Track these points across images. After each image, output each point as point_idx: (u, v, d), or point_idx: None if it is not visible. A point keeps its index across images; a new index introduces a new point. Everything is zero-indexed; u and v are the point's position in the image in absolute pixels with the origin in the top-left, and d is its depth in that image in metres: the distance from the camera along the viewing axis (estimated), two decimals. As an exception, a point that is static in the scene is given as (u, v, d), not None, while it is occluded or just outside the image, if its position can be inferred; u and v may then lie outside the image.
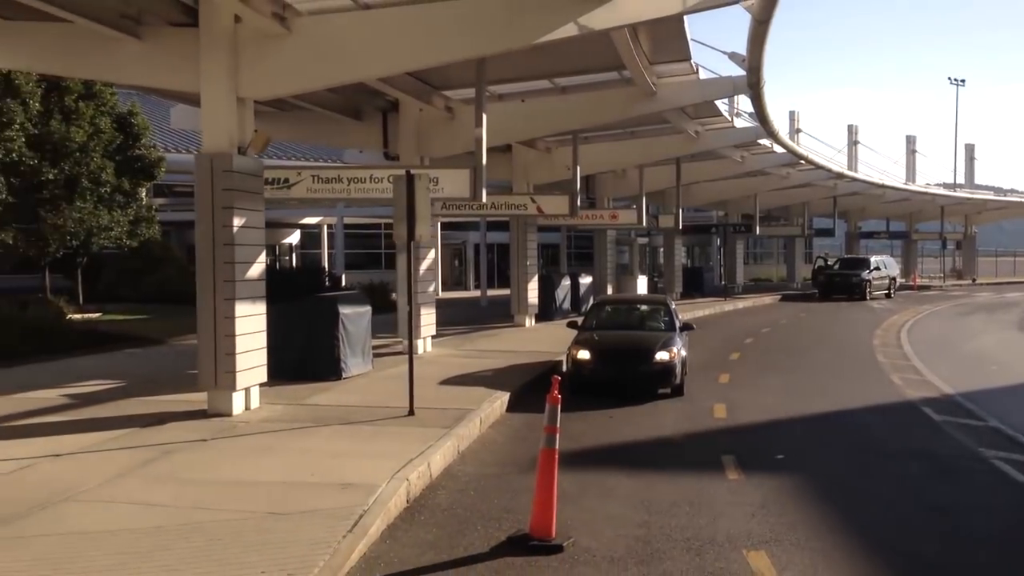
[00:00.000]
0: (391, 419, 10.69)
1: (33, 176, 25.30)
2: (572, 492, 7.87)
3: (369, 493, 7.43)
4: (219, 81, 10.74)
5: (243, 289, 10.88)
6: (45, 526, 6.62)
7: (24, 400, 11.98)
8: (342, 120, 17.57)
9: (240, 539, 6.39)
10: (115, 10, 10.63)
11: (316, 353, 13.68)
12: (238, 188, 10.81)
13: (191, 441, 9.49)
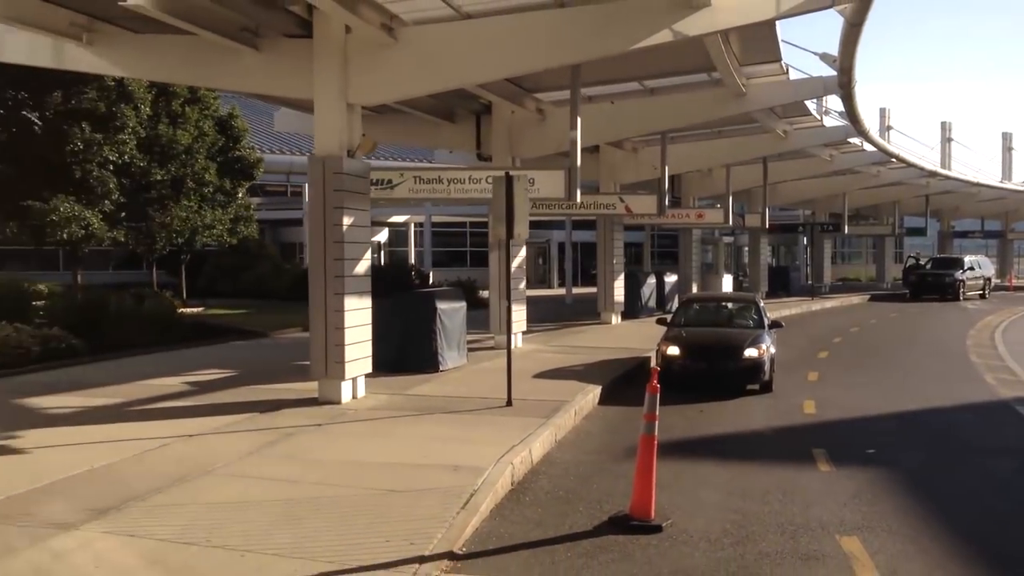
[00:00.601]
0: (490, 409, 11.23)
1: (143, 177, 26.72)
2: (667, 480, 8.26)
3: (477, 475, 7.96)
4: (331, 89, 11.42)
5: (351, 284, 11.54)
6: (190, 496, 7.33)
7: (151, 386, 12.90)
8: (437, 122, 18.21)
9: (364, 512, 6.99)
10: (236, 23, 11.39)
11: (414, 346, 14.32)
12: (347, 189, 11.48)
13: (307, 425, 10.18)
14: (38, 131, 24.99)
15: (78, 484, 7.62)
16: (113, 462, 8.39)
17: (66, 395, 12.13)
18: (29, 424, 10.13)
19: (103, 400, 11.80)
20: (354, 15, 10.53)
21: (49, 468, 8.08)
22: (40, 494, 7.27)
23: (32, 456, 8.67)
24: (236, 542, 6.21)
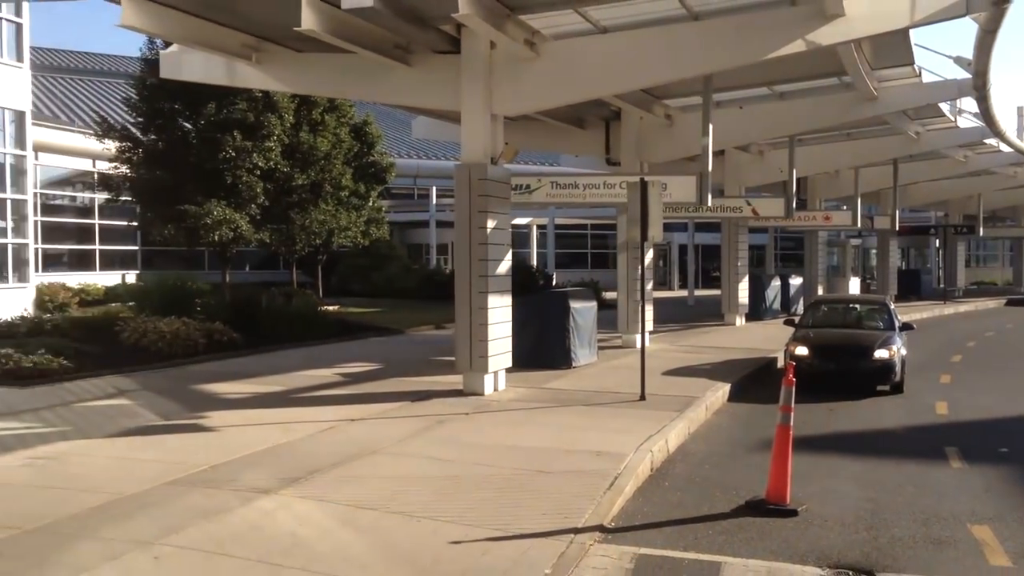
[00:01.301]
0: (624, 403, 11.82)
1: (285, 182, 28.35)
2: (801, 471, 8.66)
3: (619, 460, 8.58)
4: (476, 100, 12.24)
5: (494, 284, 12.33)
6: (365, 471, 8.20)
7: (307, 376, 14.02)
8: (567, 129, 18.88)
9: (518, 489, 7.71)
10: (390, 41, 12.33)
11: (548, 343, 15.01)
12: (491, 194, 12.27)
13: (456, 414, 11.00)
14: (193, 140, 26.88)
15: (266, 458, 8.61)
16: (291, 440, 9.38)
17: (234, 383, 13.33)
18: (210, 407, 11.29)
19: (267, 388, 12.94)
20: (500, 32, 11.30)
21: (238, 444, 9.11)
22: (237, 465, 8.27)
23: (221, 434, 9.75)
24: (411, 509, 7.01)
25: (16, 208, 21.28)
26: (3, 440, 9.23)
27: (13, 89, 20.97)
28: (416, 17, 11.49)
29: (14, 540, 6.09)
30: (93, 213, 34.27)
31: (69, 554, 5.82)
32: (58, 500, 7.03)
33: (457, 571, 5.76)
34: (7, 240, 21.09)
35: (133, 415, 10.81)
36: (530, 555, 6.11)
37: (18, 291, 21.05)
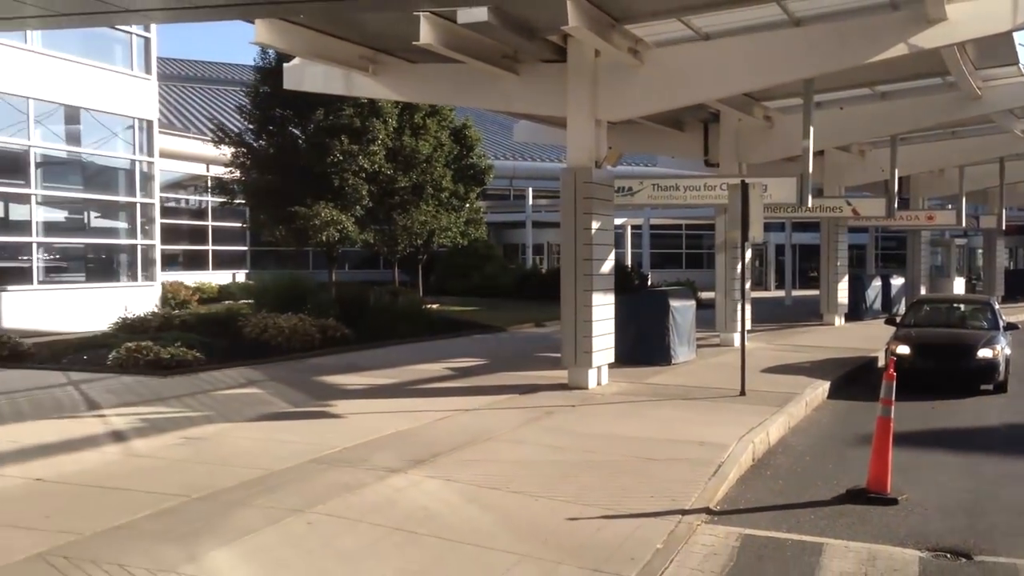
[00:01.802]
0: (724, 398, 12.21)
1: (389, 184, 29.41)
2: (902, 464, 8.93)
3: (722, 450, 9.02)
4: (581, 107, 12.79)
5: (598, 282, 12.86)
6: (483, 455, 8.84)
7: (418, 370, 14.79)
8: (666, 131, 19.27)
9: (626, 474, 8.22)
10: (499, 51, 12.99)
11: (648, 341, 15.44)
12: (595, 196, 12.80)
13: (563, 406, 11.57)
14: (302, 145, 28.14)
15: (391, 442, 9.33)
16: (412, 427, 10.09)
17: (350, 375, 14.18)
18: (333, 397, 12.13)
19: (382, 380, 13.74)
20: (605, 41, 11.81)
21: (363, 430, 9.86)
22: (366, 448, 9.01)
23: (347, 420, 10.54)
24: (528, 489, 7.60)
25: (144, 211, 22.73)
26: (158, 422, 10.20)
27: (142, 100, 22.41)
28: (525, 29, 12.10)
29: (185, 506, 6.90)
30: (206, 215, 36.02)
31: (234, 518, 6.60)
32: (215, 474, 7.85)
33: (576, 544, 6.32)
34: (137, 241, 22.54)
35: (266, 402, 11.71)
36: (641, 532, 6.63)
37: (147, 289, 22.50)
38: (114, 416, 10.57)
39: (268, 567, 5.68)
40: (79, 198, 21.89)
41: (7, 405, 11.22)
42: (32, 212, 19.92)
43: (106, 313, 19.59)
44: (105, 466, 8.21)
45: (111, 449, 8.92)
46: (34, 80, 19.09)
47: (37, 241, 19.96)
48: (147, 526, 6.40)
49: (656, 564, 6.01)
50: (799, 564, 6.22)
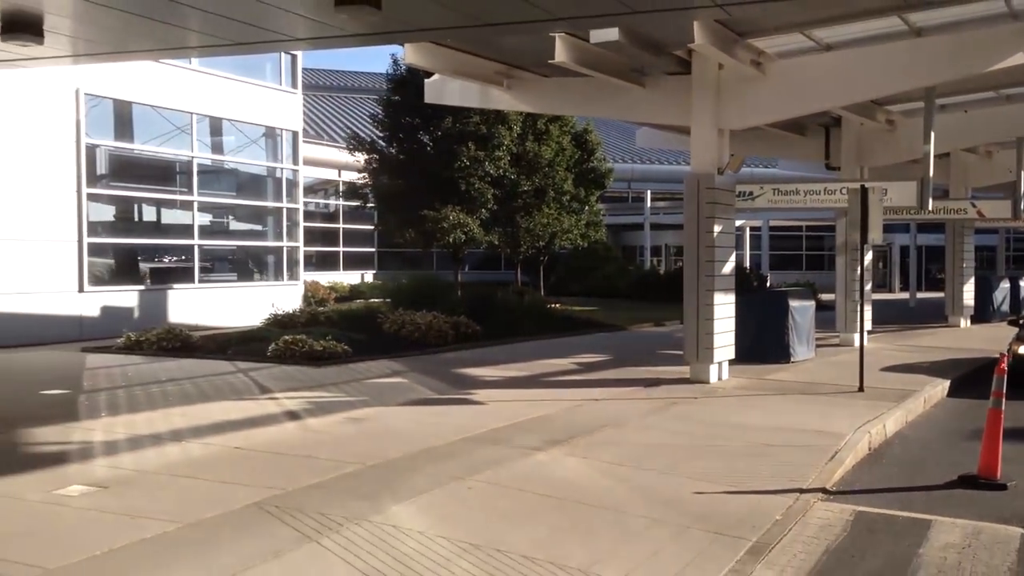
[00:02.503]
0: (843, 393, 12.75)
1: (512, 188, 30.60)
2: (1012, 456, 9.35)
3: (839, 439, 9.66)
4: (705, 117, 13.52)
5: (719, 283, 13.58)
6: (615, 438, 9.74)
7: (546, 364, 15.79)
8: (787, 136, 19.71)
9: (747, 457, 8.98)
10: (626, 66, 13.86)
11: (768, 339, 16.01)
12: (717, 201, 13.52)
13: (686, 397, 12.35)
14: (430, 151, 29.62)
15: (531, 425, 10.33)
16: (548, 413, 11.08)
17: (485, 368, 15.27)
18: (472, 386, 13.23)
19: (514, 373, 14.78)
20: (729, 56, 12.54)
21: (504, 415, 10.89)
22: (509, 430, 10.03)
23: (488, 407, 11.60)
24: (657, 468, 8.47)
25: (289, 215, 24.50)
26: (323, 404, 11.51)
27: (289, 112, 24.19)
28: (652, 45, 12.92)
29: (362, 471, 8.05)
30: (338, 218, 37.99)
31: (404, 482, 7.70)
32: (381, 447, 9.01)
33: (701, 513, 7.14)
34: (283, 243, 24.33)
35: (411, 390, 12.91)
36: (761, 506, 7.40)
37: (291, 288, 24.26)
38: (284, 398, 11.94)
39: (439, 520, 6.72)
40: (232, 204, 23.79)
41: (192, 388, 12.75)
42: (194, 217, 21.86)
43: (256, 309, 21.35)
44: (287, 438, 9.50)
45: (289, 425, 10.23)
46: (195, 96, 20.97)
47: (198, 244, 21.87)
48: (334, 486, 7.56)
49: (774, 532, 6.78)
50: (908, 536, 6.88)
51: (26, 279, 17.26)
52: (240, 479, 7.69)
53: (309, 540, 6.14)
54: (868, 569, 6.18)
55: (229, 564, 5.65)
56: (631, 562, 5.93)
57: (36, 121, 17.62)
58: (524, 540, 6.26)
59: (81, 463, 8.31)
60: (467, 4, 10.13)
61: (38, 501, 7.03)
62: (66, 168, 18.25)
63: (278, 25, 11.19)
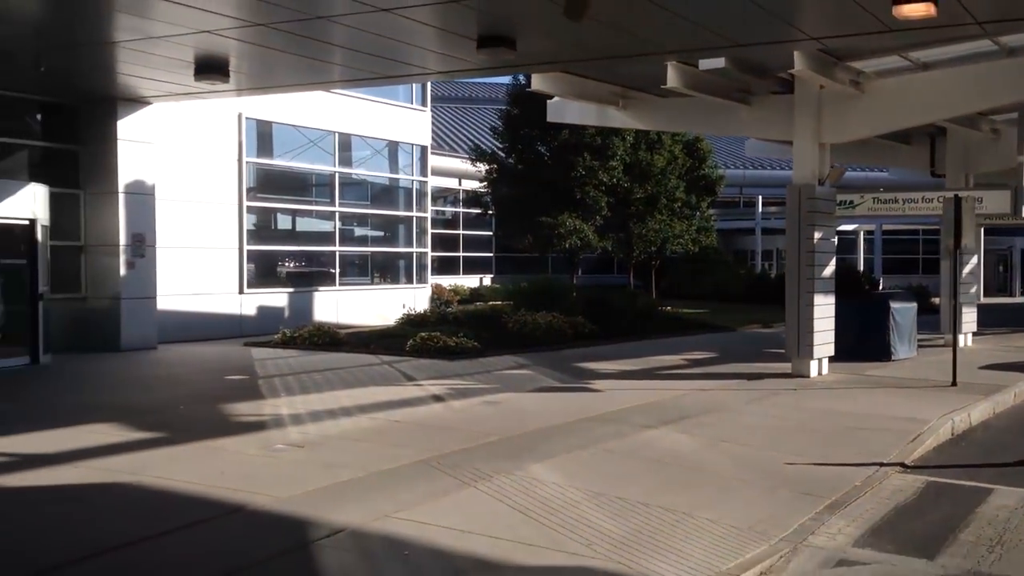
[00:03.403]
0: (935, 387, 13.73)
1: (625, 195, 31.96)
2: (1088, 442, 10.35)
3: (923, 424, 10.77)
4: (806, 132, 14.68)
5: (819, 285, 14.70)
6: (716, 420, 11.11)
7: (658, 360, 17.16)
8: (893, 145, 20.53)
9: (835, 437, 10.22)
10: (733, 87, 15.16)
11: (869, 339, 16.98)
12: (817, 210, 14.66)
13: (785, 389, 13.57)
14: (547, 161, 31.28)
15: (643, 409, 11.78)
16: (658, 400, 12.51)
17: (601, 362, 16.75)
18: (589, 378, 14.76)
19: (628, 367, 16.22)
20: (828, 78, 13.71)
21: (619, 400, 12.37)
22: (623, 412, 11.52)
23: (604, 394, 13.11)
24: (753, 444, 9.80)
25: (418, 223, 26.54)
26: (461, 390, 13.25)
27: (419, 129, 26.23)
28: (757, 69, 14.18)
29: (502, 440, 9.68)
30: (458, 225, 40.03)
31: (537, 448, 9.28)
32: (515, 423, 10.63)
33: (790, 478, 8.46)
34: (412, 249, 26.39)
35: (536, 380, 14.51)
36: (844, 474, 8.66)
37: (420, 290, 26.28)
38: (428, 385, 13.72)
39: (569, 475, 8.26)
40: (367, 213, 25.96)
41: (348, 376, 14.69)
42: (335, 225, 24.09)
43: (388, 309, 23.40)
44: (436, 415, 11.24)
45: (435, 406, 11.98)
46: (335, 116, 23.14)
47: (338, 250, 24.09)
48: (481, 450, 9.20)
49: (851, 494, 8.06)
50: (970, 499, 8.06)
51: (197, 282, 19.67)
52: (404, 444, 9.43)
53: (468, 486, 7.78)
54: (927, 521, 7.42)
55: (410, 499, 7.34)
56: (726, 509, 7.35)
57: (206, 143, 20.02)
58: (639, 491, 7.75)
59: (277, 430, 10.22)
60: (589, 41, 11.74)
61: (256, 455, 8.93)
62: (229, 184, 20.63)
63: (415, 60, 13.05)
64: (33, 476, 8.13)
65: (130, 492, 7.60)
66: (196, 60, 13.04)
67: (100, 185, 17.07)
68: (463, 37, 11.27)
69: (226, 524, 6.79)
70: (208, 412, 11.32)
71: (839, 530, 7.07)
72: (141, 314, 17.38)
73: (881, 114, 14.43)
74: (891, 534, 7.06)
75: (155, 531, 6.52)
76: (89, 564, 5.90)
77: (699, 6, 10.69)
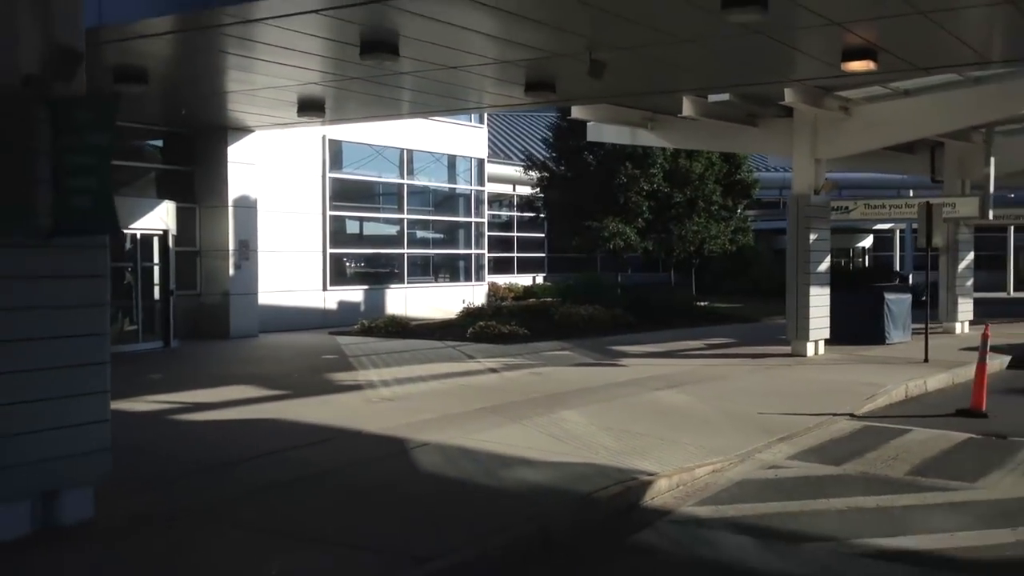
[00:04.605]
0: (910, 363, 16.34)
1: (665, 199, 34.65)
2: (1007, 402, 12.88)
3: (882, 388, 13.48)
4: (803, 150, 17.40)
5: (814, 279, 17.41)
6: (712, 386, 13.94)
7: (682, 345, 19.96)
8: (898, 155, 23.02)
9: (807, 398, 12.96)
10: (741, 113, 17.93)
11: (867, 326, 19.57)
12: (812, 215, 17.37)
13: (780, 365, 16.32)
14: (593, 169, 34.13)
15: (658, 378, 14.64)
16: (672, 372, 15.37)
17: (632, 346, 19.60)
18: (619, 357, 17.63)
19: (655, 349, 19.05)
20: (818, 107, 16.43)
21: (639, 372, 15.26)
22: (643, 380, 14.39)
23: (629, 367, 16.00)
24: (737, 400, 12.62)
25: (476, 228, 29.65)
26: (512, 365, 16.26)
27: (477, 144, 29.34)
28: (759, 100, 16.96)
29: (541, 398, 12.64)
30: (512, 227, 43.00)
31: (568, 401, 12.22)
32: (553, 387, 13.59)
33: (759, 422, 11.25)
34: (471, 251, 29.51)
35: (576, 359, 17.44)
36: (802, 421, 11.40)
37: (478, 287, 29.38)
38: (485, 361, 16.76)
39: (590, 417, 11.17)
40: (431, 219, 29.13)
41: (420, 355, 17.78)
42: (404, 230, 27.30)
43: (450, 304, 26.49)
44: (493, 382, 14.27)
45: (491, 376, 15.01)
46: (404, 135, 26.29)
47: (406, 252, 27.30)
48: (525, 403, 12.16)
49: (801, 432, 10.84)
50: (889, 435, 10.78)
51: (289, 280, 22.98)
52: (469, 398, 12.48)
53: (515, 423, 10.78)
54: (848, 448, 10.20)
55: (473, 428, 10.35)
56: (703, 438, 10.19)
57: (295, 162, 23.32)
58: (640, 427, 10.66)
59: (371, 390, 13.35)
60: (613, 86, 14.67)
61: (359, 404, 12.07)
62: (314, 196, 23.92)
63: (471, 99, 16.11)
64: (202, 415, 11.36)
65: (274, 424, 10.77)
66: (299, 100, 16.24)
67: (212, 200, 20.45)
68: (513, 84, 14.26)
69: (347, 441, 9.89)
70: (315, 379, 14.50)
71: (780, 451, 9.92)
72: (246, 307, 20.74)
73: (865, 135, 17.08)
74: (818, 454, 9.89)
75: (298, 444, 9.64)
76: (254, 462, 8.95)
77: (701, 62, 13.53)
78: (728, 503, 7.93)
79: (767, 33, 10.86)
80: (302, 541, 6.44)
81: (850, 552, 6.71)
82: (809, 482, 8.71)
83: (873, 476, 8.96)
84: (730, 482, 8.63)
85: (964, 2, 10.07)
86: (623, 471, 8.39)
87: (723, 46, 11.63)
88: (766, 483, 8.65)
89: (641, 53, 12.23)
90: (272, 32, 11.39)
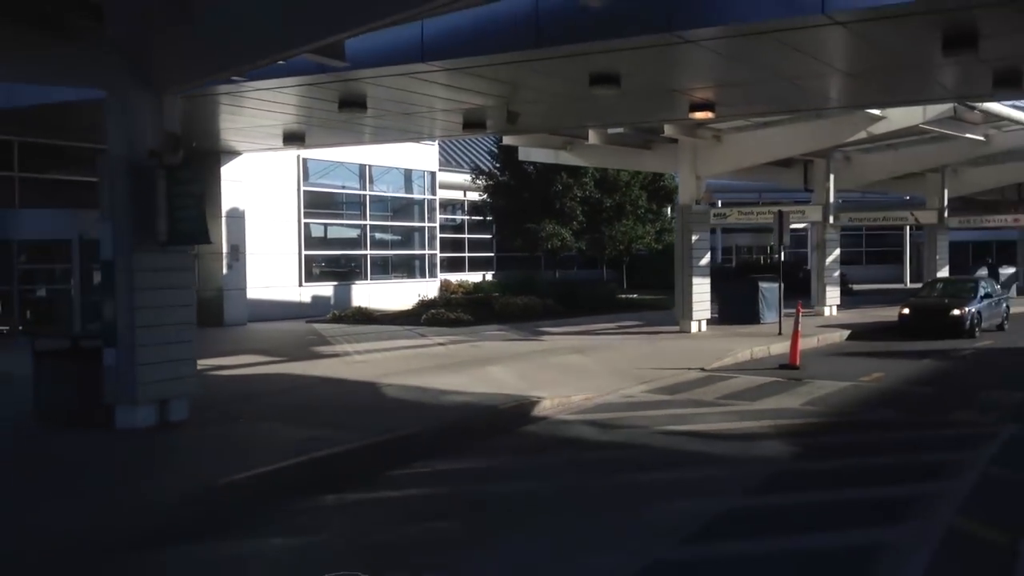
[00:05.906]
0: (767, 336, 20.94)
1: (597, 204, 39.21)
2: (820, 360, 17.48)
3: (732, 352, 18.04)
4: (686, 168, 21.97)
5: (696, 271, 22.01)
6: (605, 352, 18.40)
7: (596, 327, 24.42)
8: (778, 169, 27.77)
9: (676, 358, 17.46)
10: (638, 140, 22.47)
11: (746, 309, 24.21)
12: (695, 221, 21.95)
13: (668, 339, 20.86)
14: (533, 178, 38.57)
15: (567, 348, 19.05)
16: (579, 344, 19.81)
17: (555, 327, 23.99)
18: (542, 335, 22.03)
19: (572, 329, 23.47)
20: (694, 138, 21.01)
21: (554, 344, 19.68)
22: (554, 349, 18.80)
23: (547, 342, 20.41)
24: (621, 360, 17.09)
25: (429, 232, 33.93)
26: (456, 341, 20.58)
27: (429, 158, 33.63)
28: (650, 131, 21.52)
29: (474, 360, 17.01)
30: (463, 229, 47.22)
31: (494, 362, 16.59)
32: (485, 355, 17.98)
33: (633, 374, 15.68)
34: (425, 252, 33.80)
35: (507, 336, 21.80)
36: (665, 374, 15.86)
37: (431, 283, 33.65)
38: (435, 338, 21.07)
39: (508, 369, 15.48)
40: (390, 224, 33.36)
41: (384, 335, 22.05)
42: (366, 234, 31.50)
43: (407, 298, 30.71)
44: (440, 351, 18.61)
45: (440, 348, 19.34)
46: (366, 153, 30.51)
47: (368, 253, 31.51)
48: (466, 363, 16.51)
49: (660, 379, 15.31)
50: (721, 379, 15.31)
51: (271, 278, 27.05)
52: (423, 360, 16.83)
53: (456, 374, 15.10)
54: (684, 387, 14.69)
55: (426, 376, 14.67)
56: (588, 383, 14.58)
57: (275, 177, 27.39)
58: (545, 376, 15.05)
59: (348, 357, 17.63)
60: (532, 124, 19.09)
61: (340, 365, 16.38)
62: (291, 205, 28.02)
63: (424, 130, 20.43)
64: (228, 372, 15.57)
65: (281, 376, 15.05)
66: (283, 134, 20.43)
67: (208, 211, 24.43)
68: (454, 122, 18.60)
69: (336, 385, 14.18)
70: (304, 351, 18.74)
71: (638, 389, 14.39)
72: (236, 301, 24.83)
73: (733, 157, 21.72)
74: (666, 390, 14.37)
75: (301, 386, 13.92)
76: (274, 396, 13.21)
77: (589, 110, 17.96)
78: (587, 413, 12.38)
79: (631, 95, 15.35)
80: (314, 427, 10.73)
81: (651, 432, 11.16)
82: (647, 404, 13.19)
83: (693, 400, 13.47)
84: (594, 405, 13.08)
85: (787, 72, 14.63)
86: (523, 397, 12.79)
87: (603, 102, 16.07)
88: (618, 404, 13.12)
89: (544, 107, 16.70)
90: (268, 94, 15.66)
